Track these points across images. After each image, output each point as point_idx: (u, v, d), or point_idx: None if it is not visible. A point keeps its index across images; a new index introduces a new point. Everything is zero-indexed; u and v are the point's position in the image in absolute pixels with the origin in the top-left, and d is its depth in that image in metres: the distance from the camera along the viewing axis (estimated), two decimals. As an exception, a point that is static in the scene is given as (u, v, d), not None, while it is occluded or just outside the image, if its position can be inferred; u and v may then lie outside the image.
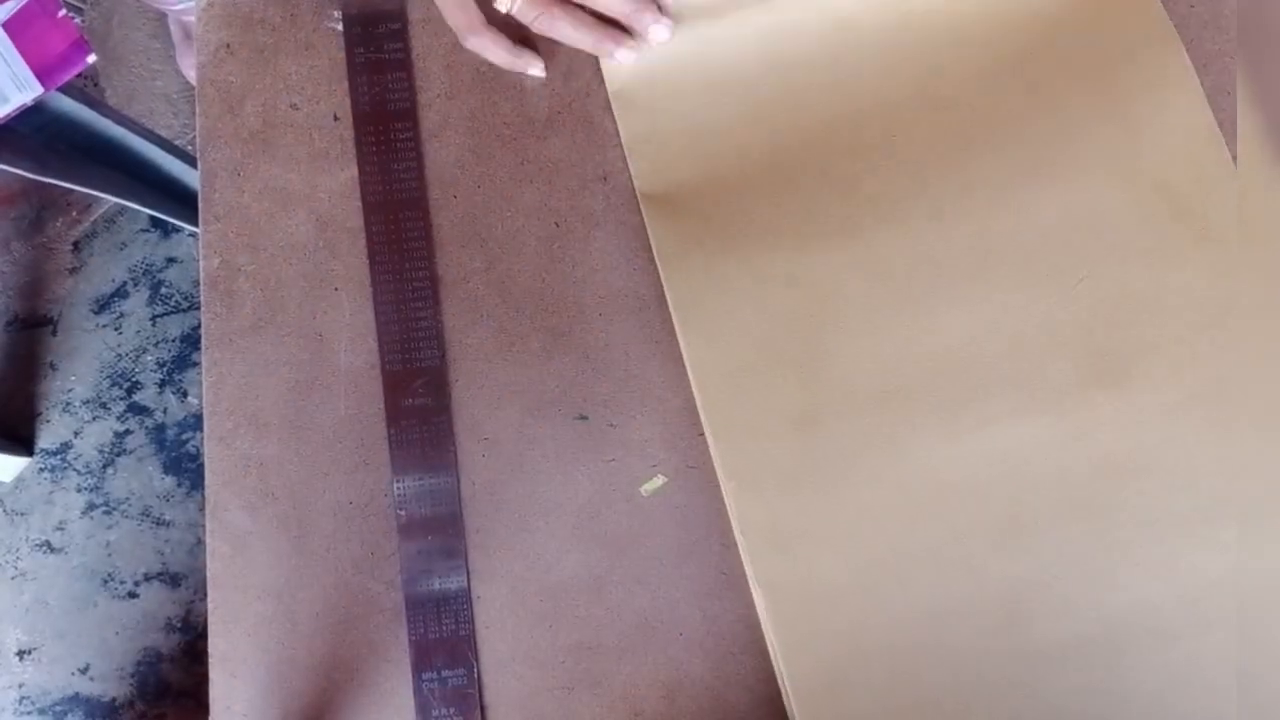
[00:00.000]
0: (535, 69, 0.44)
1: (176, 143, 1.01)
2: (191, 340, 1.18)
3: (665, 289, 0.42)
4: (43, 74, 0.73)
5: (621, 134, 0.44)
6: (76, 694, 1.12)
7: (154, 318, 1.19)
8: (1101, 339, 0.40)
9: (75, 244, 1.22)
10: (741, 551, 0.40)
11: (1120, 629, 0.38)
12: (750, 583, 0.40)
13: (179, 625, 1.12)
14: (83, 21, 1.21)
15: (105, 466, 1.16)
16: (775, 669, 0.39)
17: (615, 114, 0.44)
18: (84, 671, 1.13)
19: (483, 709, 0.41)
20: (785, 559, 0.39)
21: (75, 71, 0.73)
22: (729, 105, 0.43)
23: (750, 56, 0.44)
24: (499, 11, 0.43)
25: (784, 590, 0.39)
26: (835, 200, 0.42)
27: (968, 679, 0.38)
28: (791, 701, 0.39)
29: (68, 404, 1.18)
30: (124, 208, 1.18)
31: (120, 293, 1.20)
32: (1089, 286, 0.41)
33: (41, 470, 1.17)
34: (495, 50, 0.44)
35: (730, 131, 0.43)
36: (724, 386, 0.41)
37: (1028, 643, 0.38)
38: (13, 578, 1.15)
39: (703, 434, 0.42)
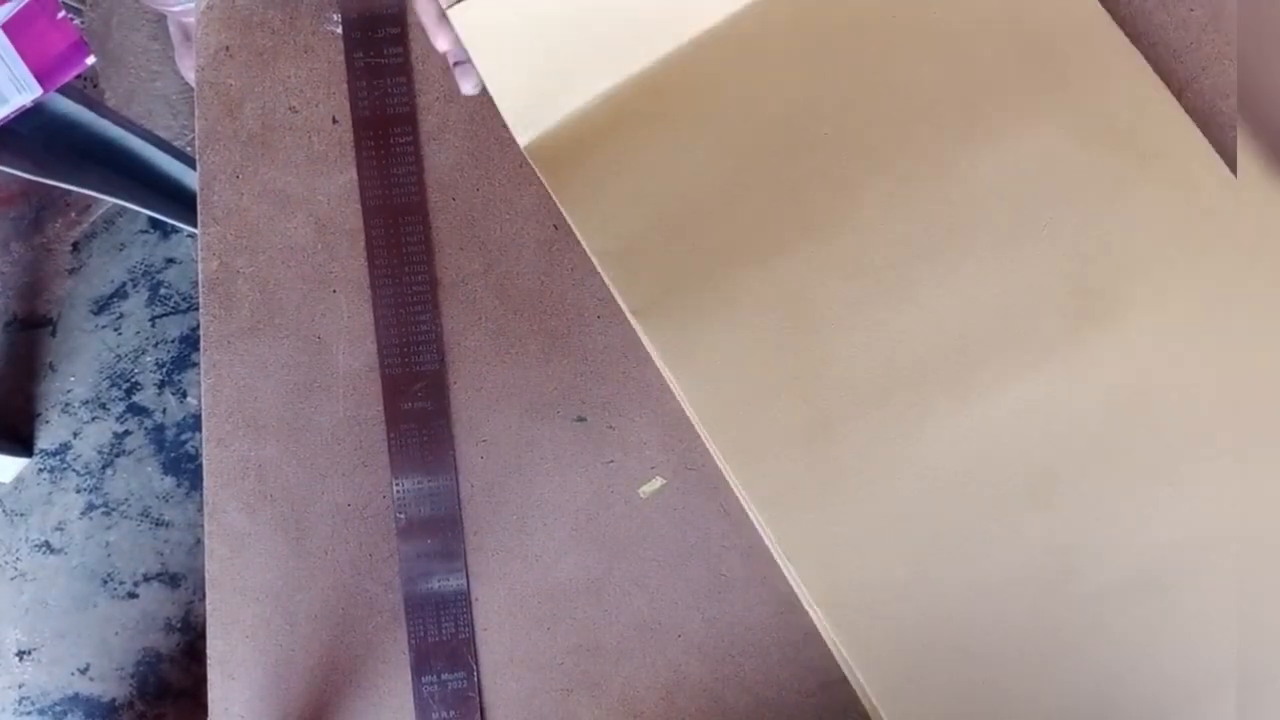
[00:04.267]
0: (467, 85, 0.44)
1: (175, 144, 1.00)
2: (191, 341, 1.18)
3: (645, 342, 0.42)
4: (42, 75, 0.73)
5: (558, 199, 0.43)
6: (76, 694, 1.12)
7: (153, 318, 1.19)
8: (1081, 278, 0.41)
9: (74, 245, 1.21)
10: (789, 577, 0.40)
11: (1169, 555, 0.39)
12: (805, 604, 0.40)
13: (178, 625, 1.12)
14: (82, 23, 1.21)
15: (104, 467, 1.16)
16: (850, 679, 0.39)
17: (544, 180, 0.43)
18: (84, 672, 1.13)
19: (482, 711, 0.41)
20: (834, 572, 0.39)
21: (74, 73, 0.73)
22: (656, 142, 0.43)
23: (664, 88, 0.43)
24: None
25: (841, 603, 0.39)
26: (786, 205, 0.42)
27: (1035, 639, 0.39)
28: (877, 707, 0.38)
29: (67, 404, 1.18)
30: (123, 209, 1.18)
31: (119, 293, 1.20)
32: (1054, 231, 0.41)
33: (41, 471, 1.17)
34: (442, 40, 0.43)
35: (664, 166, 0.43)
36: (730, 420, 0.41)
37: (1083, 591, 0.39)
38: (12, 578, 1.15)
39: (700, 436, 0.42)
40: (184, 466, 1.15)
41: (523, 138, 0.43)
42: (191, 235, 1.17)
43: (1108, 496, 0.39)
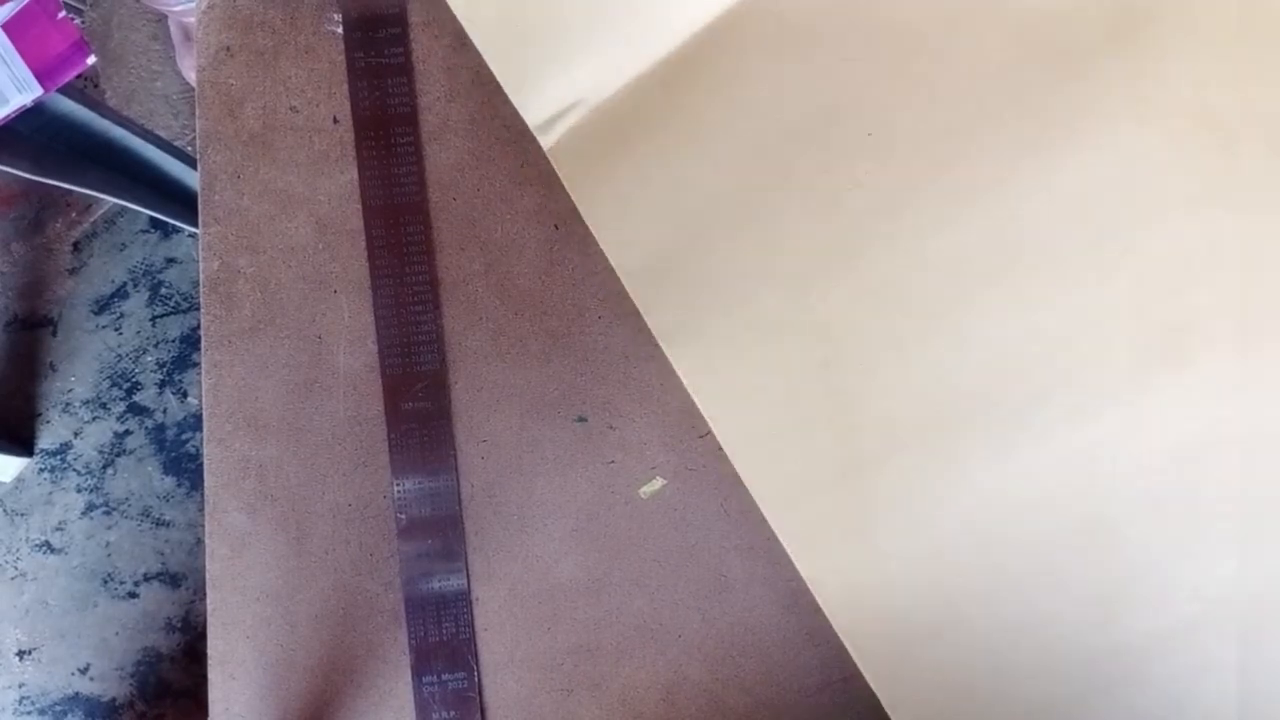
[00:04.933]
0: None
1: (176, 144, 1.01)
2: (191, 341, 1.18)
3: (674, 367, 0.40)
4: (43, 75, 0.73)
5: (584, 214, 0.41)
6: (76, 694, 1.12)
7: (154, 318, 1.19)
8: (1156, 315, 0.35)
9: (75, 245, 1.21)
10: (826, 613, 0.39)
11: (1227, 604, 0.35)
12: (841, 637, 0.39)
13: (179, 625, 1.12)
14: (82, 23, 1.21)
15: (105, 467, 1.16)
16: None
17: (570, 192, 0.41)
18: (84, 671, 1.13)
19: (483, 711, 0.41)
20: (869, 613, 0.38)
21: (75, 73, 0.73)
22: (684, 146, 0.39)
23: (690, 79, 0.39)
24: None
25: (876, 644, 0.38)
26: (820, 226, 0.38)
27: (1073, 684, 0.37)
28: None
29: (68, 404, 1.18)
30: (124, 209, 1.18)
31: (120, 293, 1.20)
32: (1133, 258, 0.35)
33: (41, 471, 1.17)
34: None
35: (693, 174, 0.39)
36: (762, 453, 0.38)
37: (1128, 637, 0.36)
38: (13, 578, 1.15)
39: (701, 436, 0.42)
40: (185, 466, 1.15)
41: (546, 139, 0.40)
42: (192, 235, 1.17)
43: (1159, 546, 0.36)
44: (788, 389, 0.38)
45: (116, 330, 1.19)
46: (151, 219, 1.20)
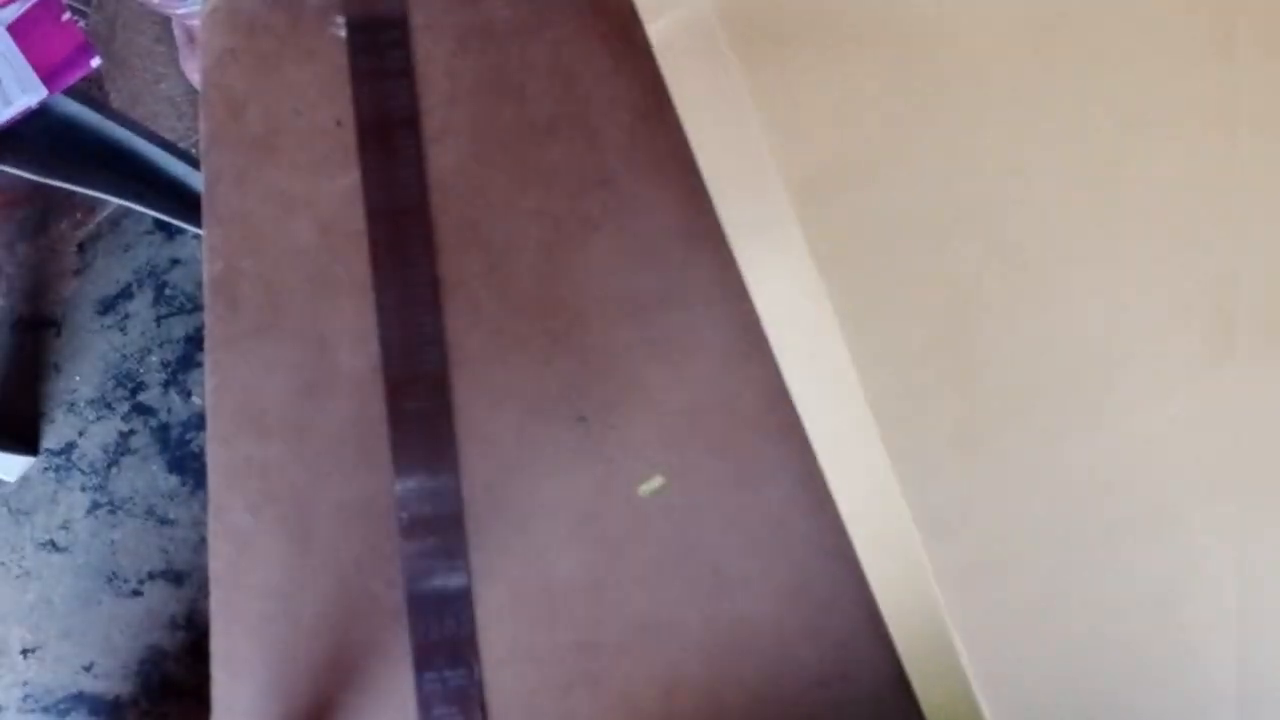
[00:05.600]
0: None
1: (180, 145, 1.01)
2: (195, 341, 1.19)
3: (828, 298, 0.35)
4: (47, 77, 0.73)
5: (754, 103, 0.34)
6: (80, 692, 1.13)
7: (158, 318, 1.19)
8: (1238, 298, 0.33)
9: (80, 245, 1.22)
10: (942, 608, 0.36)
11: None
12: (951, 629, 0.36)
13: (183, 623, 1.13)
14: (87, 25, 1.21)
15: (109, 466, 1.17)
16: (977, 708, 0.37)
17: (734, 56, 0.34)
18: (88, 669, 1.13)
19: (483, 708, 0.41)
20: (978, 596, 0.35)
21: (80, 75, 0.74)
22: (869, 38, 0.34)
23: None
24: None
25: (983, 628, 0.35)
26: (1003, 147, 0.33)
27: (1132, 662, 0.34)
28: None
29: (72, 404, 1.19)
30: (128, 210, 1.19)
31: (125, 294, 1.20)
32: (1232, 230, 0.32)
33: (46, 470, 1.18)
34: None
35: (880, 76, 0.34)
36: (901, 411, 0.34)
37: (1183, 620, 0.34)
38: (17, 576, 1.16)
39: (702, 435, 0.42)
40: (188, 465, 1.16)
41: None
42: (197, 236, 1.17)
43: (1231, 535, 0.34)
44: (932, 339, 0.35)
45: (121, 330, 1.20)
46: (156, 220, 1.21)
